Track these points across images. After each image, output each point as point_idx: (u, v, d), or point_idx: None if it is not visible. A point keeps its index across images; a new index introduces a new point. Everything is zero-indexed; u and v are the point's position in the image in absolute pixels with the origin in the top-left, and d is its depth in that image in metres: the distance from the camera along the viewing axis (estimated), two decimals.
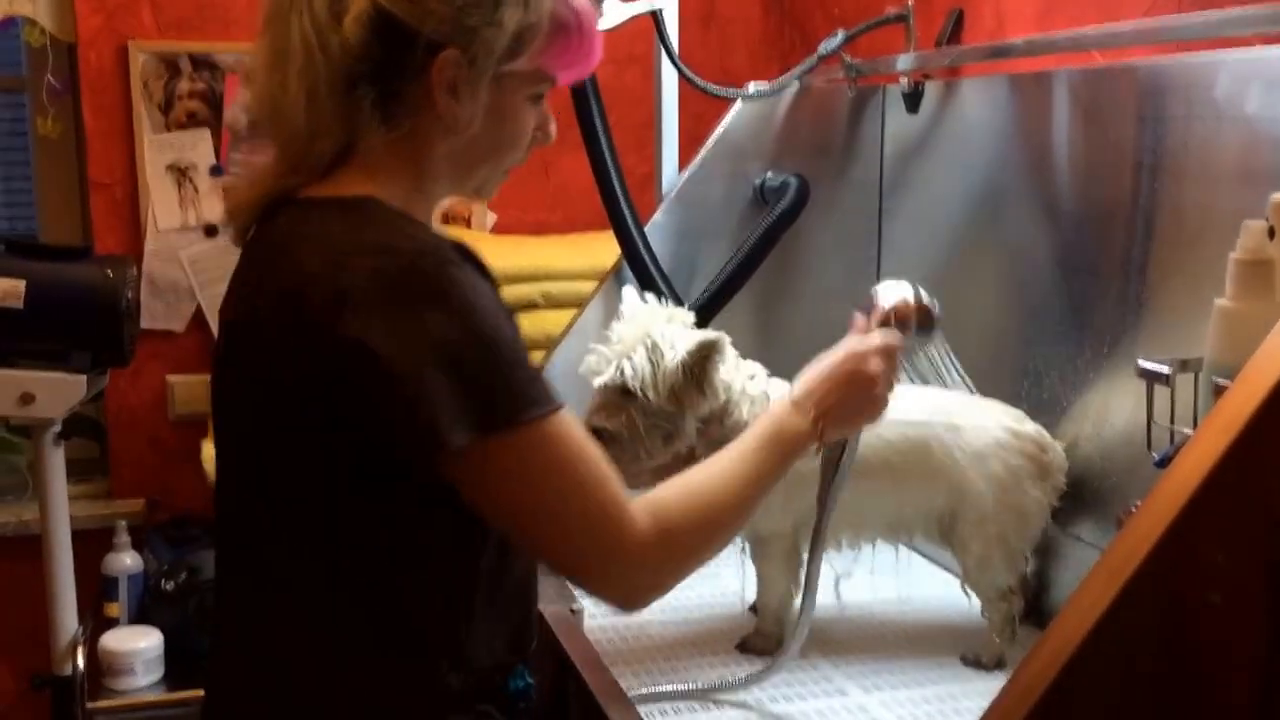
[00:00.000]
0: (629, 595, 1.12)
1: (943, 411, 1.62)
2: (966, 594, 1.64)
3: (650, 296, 1.58)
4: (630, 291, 1.61)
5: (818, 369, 1.28)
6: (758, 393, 1.57)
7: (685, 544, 1.12)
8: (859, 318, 1.34)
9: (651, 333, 1.50)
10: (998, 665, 1.58)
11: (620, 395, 1.49)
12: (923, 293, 1.34)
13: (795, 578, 1.62)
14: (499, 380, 1.02)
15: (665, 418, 1.50)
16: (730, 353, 1.55)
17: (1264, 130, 1.35)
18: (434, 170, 1.14)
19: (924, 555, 1.91)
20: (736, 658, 1.62)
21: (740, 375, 1.57)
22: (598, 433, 1.48)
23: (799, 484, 1.54)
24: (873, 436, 1.54)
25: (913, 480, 1.60)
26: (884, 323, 1.32)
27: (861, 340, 1.30)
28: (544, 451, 1.04)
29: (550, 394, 1.06)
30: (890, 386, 1.29)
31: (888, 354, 1.29)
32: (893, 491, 1.59)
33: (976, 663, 1.58)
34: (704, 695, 1.49)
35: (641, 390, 1.47)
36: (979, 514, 1.59)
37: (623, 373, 1.48)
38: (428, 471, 1.03)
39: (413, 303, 1.00)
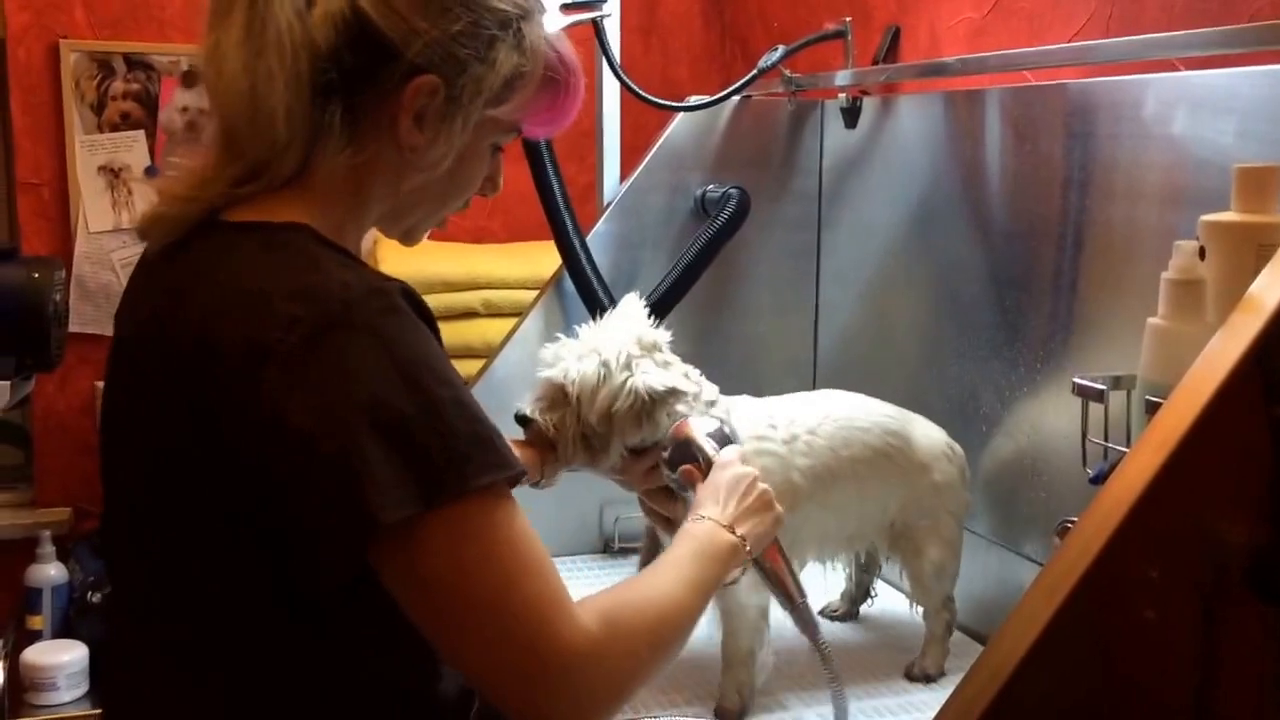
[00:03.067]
0: (576, 706, 0.92)
1: (891, 421, 1.62)
2: (913, 604, 1.65)
3: (643, 312, 1.54)
4: (633, 298, 1.57)
5: (712, 489, 1.24)
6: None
7: (638, 646, 0.98)
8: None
9: (608, 352, 1.46)
10: (941, 675, 1.59)
11: (561, 393, 1.46)
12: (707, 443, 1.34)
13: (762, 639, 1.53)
14: (444, 443, 0.89)
15: (595, 435, 1.46)
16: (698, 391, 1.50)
17: (1187, 150, 1.39)
18: (373, 201, 1.04)
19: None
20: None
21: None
22: (525, 421, 1.46)
23: None
24: (838, 444, 1.56)
25: (875, 488, 1.59)
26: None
27: (736, 464, 1.28)
28: (487, 529, 0.90)
29: (505, 459, 0.93)
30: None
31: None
32: (857, 500, 1.59)
33: (924, 676, 1.60)
34: None
35: (577, 400, 1.45)
36: (933, 520, 1.61)
37: (565, 374, 1.46)
38: (350, 564, 0.89)
39: (340, 360, 0.88)
